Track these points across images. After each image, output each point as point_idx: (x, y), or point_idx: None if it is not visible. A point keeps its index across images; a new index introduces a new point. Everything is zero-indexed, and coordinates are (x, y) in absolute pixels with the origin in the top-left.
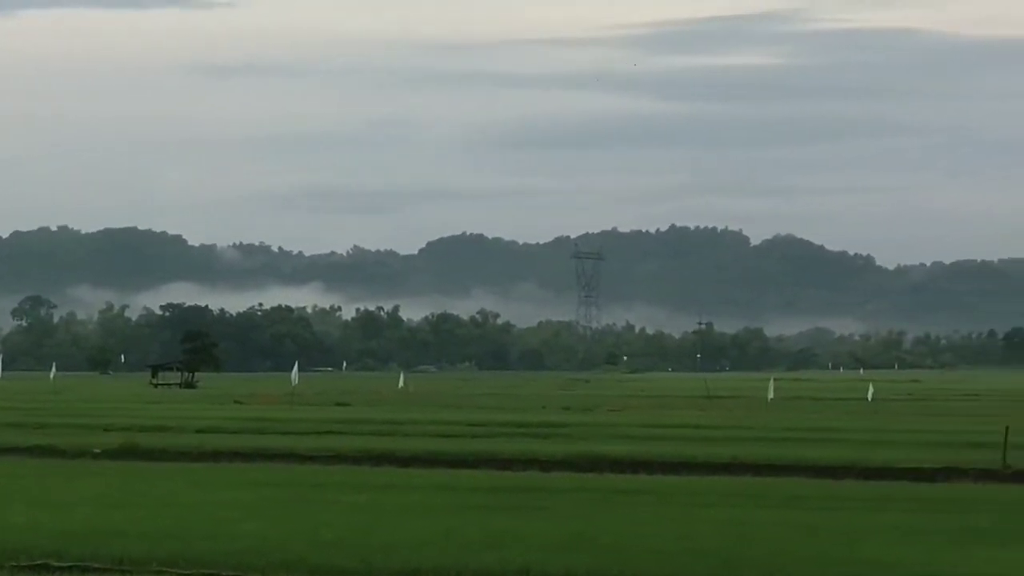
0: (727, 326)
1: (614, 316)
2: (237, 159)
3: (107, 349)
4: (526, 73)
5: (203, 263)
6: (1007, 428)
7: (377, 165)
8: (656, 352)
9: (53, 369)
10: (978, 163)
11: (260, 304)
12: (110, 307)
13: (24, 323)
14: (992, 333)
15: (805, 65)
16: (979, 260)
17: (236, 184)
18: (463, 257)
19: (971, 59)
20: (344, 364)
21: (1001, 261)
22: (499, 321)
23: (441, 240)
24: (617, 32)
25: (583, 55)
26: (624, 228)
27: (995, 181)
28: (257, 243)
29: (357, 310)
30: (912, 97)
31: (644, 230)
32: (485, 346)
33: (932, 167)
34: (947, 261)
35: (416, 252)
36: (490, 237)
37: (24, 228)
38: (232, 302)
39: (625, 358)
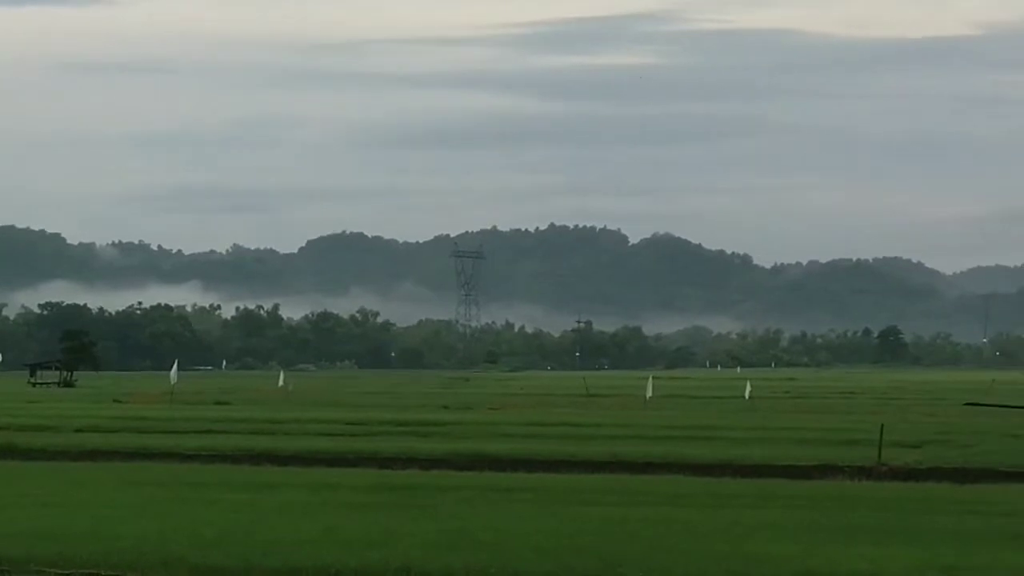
0: (606, 324)
1: (494, 315)
2: (116, 157)
3: None
4: (406, 72)
5: (82, 261)
6: (882, 426)
7: (257, 164)
8: (535, 350)
9: None
10: (853, 163)
11: (139, 303)
12: None
13: None
14: (867, 331)
15: (682, 65)
16: (854, 259)
17: (115, 182)
18: (343, 256)
19: (846, 60)
20: (224, 363)
21: (876, 260)
22: (379, 320)
23: (321, 239)
24: (496, 32)
25: (463, 54)
26: (504, 227)
27: (870, 181)
28: (136, 242)
29: (237, 309)
30: (788, 97)
31: (523, 229)
32: (365, 345)
33: (808, 167)
34: (823, 260)
35: (296, 251)
36: (370, 236)
37: None
38: (111, 301)
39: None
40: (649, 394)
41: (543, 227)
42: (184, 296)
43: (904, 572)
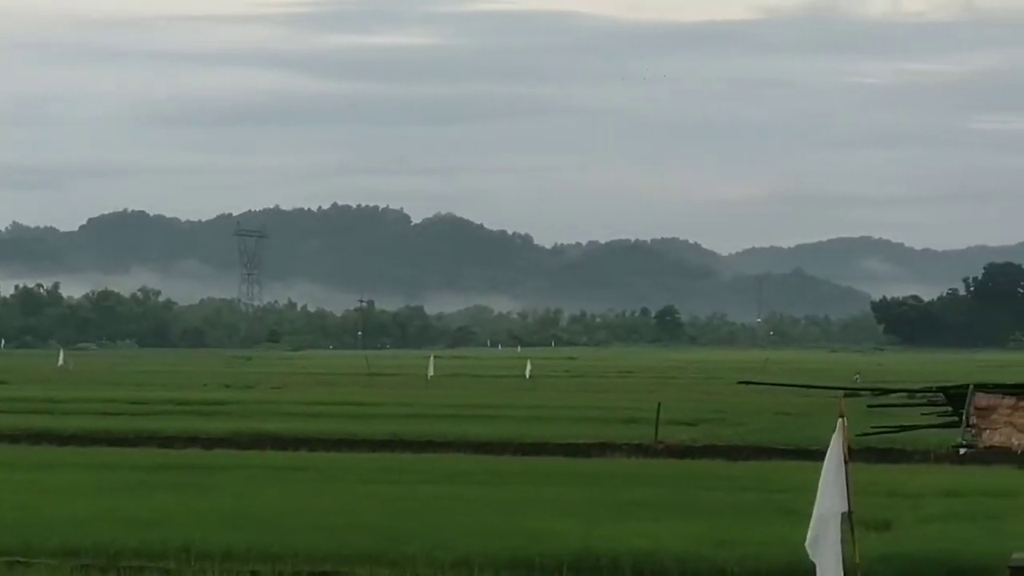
0: (388, 304)
1: (276, 294)
2: None
3: None
4: (187, 50)
5: None
6: (659, 405)
7: (37, 141)
8: (318, 330)
9: None
10: (632, 145)
11: None
12: None
13: None
14: (645, 311)
15: (464, 45)
16: (633, 240)
17: None
18: (125, 234)
19: (628, 42)
20: (2, 342)
21: (654, 241)
22: (161, 298)
23: (102, 217)
24: (277, 10)
25: (244, 32)
26: (286, 206)
27: (649, 162)
28: None
29: (16, 287)
30: (570, 79)
31: (306, 208)
32: (147, 323)
33: (589, 148)
34: (602, 240)
35: (77, 229)
36: (152, 214)
37: None
38: None
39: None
40: (431, 373)
41: (326, 206)
42: None
43: (680, 546)
